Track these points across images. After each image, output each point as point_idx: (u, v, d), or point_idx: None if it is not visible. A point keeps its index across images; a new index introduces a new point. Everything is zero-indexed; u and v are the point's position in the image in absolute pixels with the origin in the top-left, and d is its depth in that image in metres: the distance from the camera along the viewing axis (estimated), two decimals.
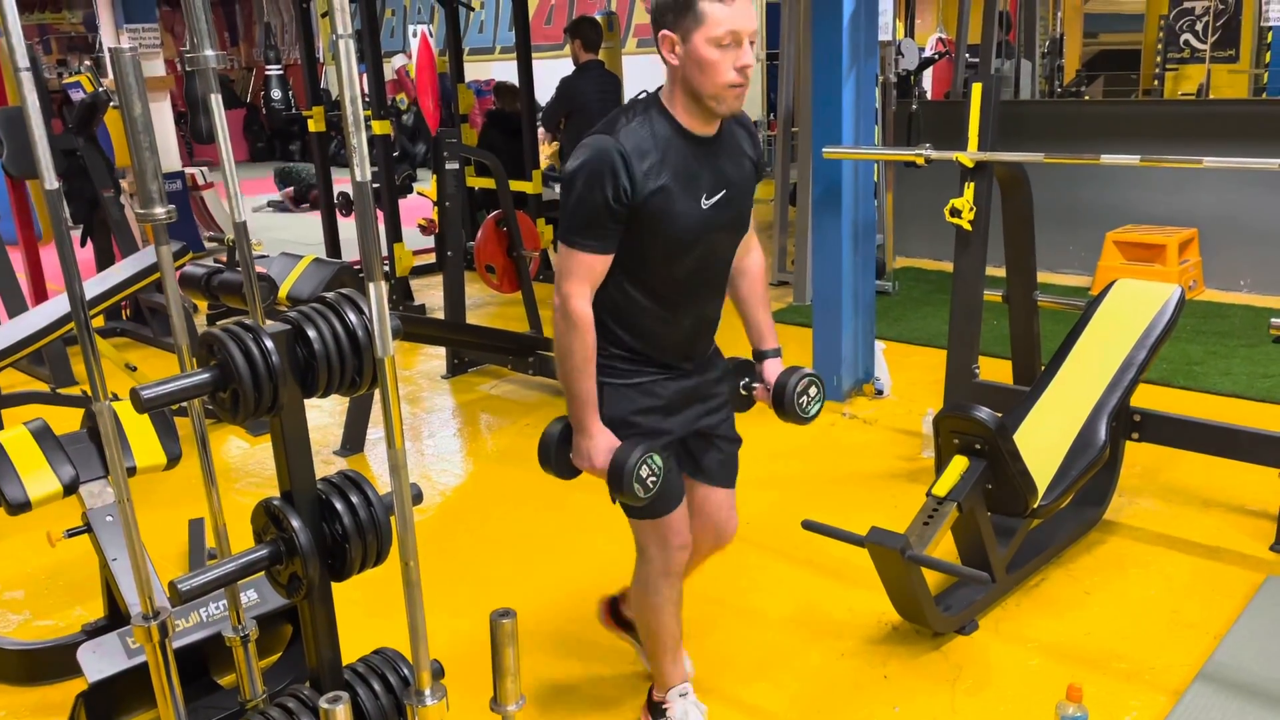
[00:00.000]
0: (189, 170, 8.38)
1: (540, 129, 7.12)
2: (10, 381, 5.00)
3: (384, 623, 2.73)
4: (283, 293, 3.81)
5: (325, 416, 4.63)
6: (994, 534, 2.78)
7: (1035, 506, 2.78)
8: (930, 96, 10.15)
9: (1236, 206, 5.97)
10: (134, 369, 4.65)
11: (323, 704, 1.49)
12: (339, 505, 1.60)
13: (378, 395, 1.44)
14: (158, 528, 3.22)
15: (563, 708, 2.54)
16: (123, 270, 4.36)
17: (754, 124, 2.20)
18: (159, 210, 1.72)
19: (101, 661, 2.34)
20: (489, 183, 6.34)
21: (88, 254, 6.00)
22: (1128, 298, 3.37)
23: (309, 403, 1.61)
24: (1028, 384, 3.54)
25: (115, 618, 2.70)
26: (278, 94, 15.51)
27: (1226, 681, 2.48)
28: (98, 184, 5.68)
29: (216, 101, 1.65)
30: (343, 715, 1.47)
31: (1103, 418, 3.06)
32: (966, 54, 7.45)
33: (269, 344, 1.51)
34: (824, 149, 4.04)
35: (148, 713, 2.47)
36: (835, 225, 4.36)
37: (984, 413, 2.67)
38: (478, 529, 3.59)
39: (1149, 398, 3.91)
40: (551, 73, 7.07)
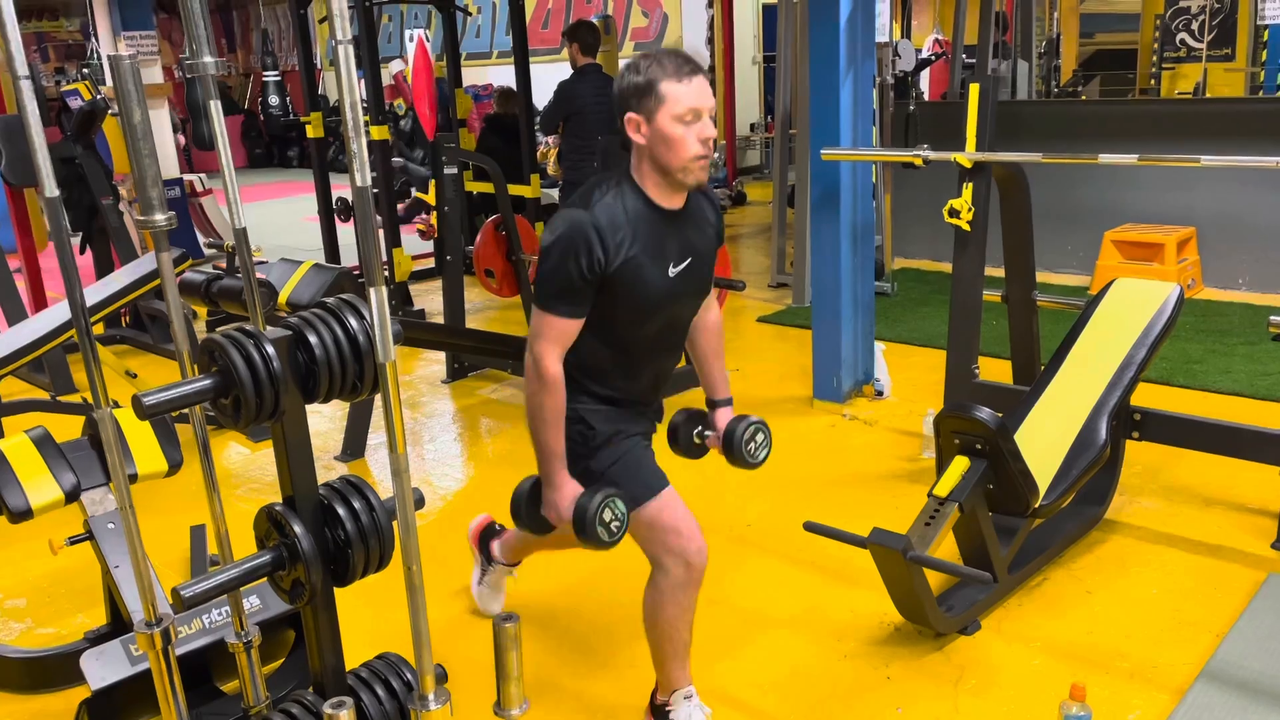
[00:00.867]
0: (187, 177, 8.37)
1: (539, 133, 7.12)
2: (11, 389, 5.00)
3: (387, 627, 2.74)
4: (282, 298, 3.81)
5: (325, 422, 4.63)
6: (995, 534, 2.78)
7: (1037, 506, 2.78)
8: (927, 97, 10.16)
9: (1234, 205, 5.97)
10: (134, 376, 4.65)
11: (326, 709, 1.49)
12: (341, 510, 1.59)
13: (378, 400, 1.44)
14: (159, 534, 3.22)
15: (565, 711, 2.54)
16: (123, 277, 4.35)
17: (716, 197, 2.36)
18: (159, 217, 1.72)
19: (104, 669, 2.34)
20: (487, 187, 6.33)
21: (86, 261, 6.00)
22: (1127, 297, 3.37)
23: (309, 408, 1.61)
24: (1027, 384, 3.54)
25: (118, 625, 2.70)
26: (275, 100, 15.52)
27: (1229, 680, 2.48)
28: (96, 192, 5.67)
29: (216, 108, 1.66)
30: None
31: (1103, 417, 3.06)
32: (963, 55, 7.45)
33: (270, 350, 1.51)
34: (822, 151, 4.04)
35: None
36: (834, 227, 4.36)
37: (985, 413, 2.67)
38: None
39: (1149, 396, 3.92)
40: (549, 77, 7.07)
